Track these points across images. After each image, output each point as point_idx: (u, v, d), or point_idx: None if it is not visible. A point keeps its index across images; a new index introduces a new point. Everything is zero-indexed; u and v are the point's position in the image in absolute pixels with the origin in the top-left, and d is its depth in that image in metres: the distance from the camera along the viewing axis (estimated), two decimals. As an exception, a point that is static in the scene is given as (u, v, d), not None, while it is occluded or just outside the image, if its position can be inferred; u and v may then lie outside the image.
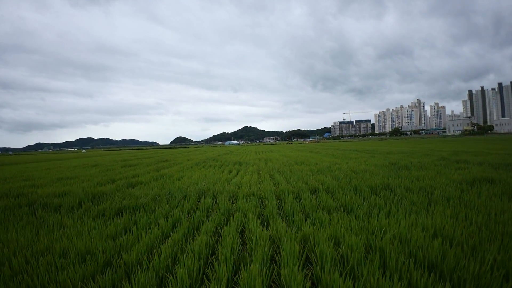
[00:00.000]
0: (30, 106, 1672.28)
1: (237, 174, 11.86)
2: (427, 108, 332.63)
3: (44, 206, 6.39)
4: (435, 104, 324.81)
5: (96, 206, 6.02)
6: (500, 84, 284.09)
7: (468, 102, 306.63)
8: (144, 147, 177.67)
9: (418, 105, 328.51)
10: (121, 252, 3.47)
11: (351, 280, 2.77)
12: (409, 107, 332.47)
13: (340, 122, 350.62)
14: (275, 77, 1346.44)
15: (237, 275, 3.07)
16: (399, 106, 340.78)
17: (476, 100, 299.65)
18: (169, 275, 2.95)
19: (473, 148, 23.52)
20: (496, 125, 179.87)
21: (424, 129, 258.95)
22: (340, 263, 3.20)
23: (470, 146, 27.54)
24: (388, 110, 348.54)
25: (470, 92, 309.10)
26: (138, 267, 3.16)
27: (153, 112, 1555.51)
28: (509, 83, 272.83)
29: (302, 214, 5.17)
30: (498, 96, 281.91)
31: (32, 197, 7.18)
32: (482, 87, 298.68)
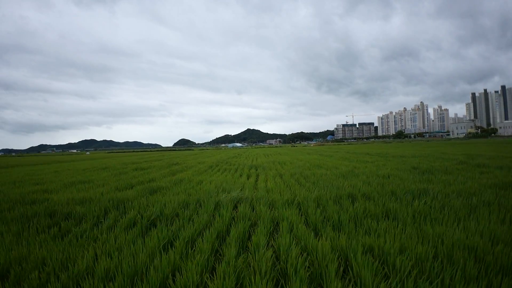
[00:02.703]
0: (33, 107, 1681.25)
1: (257, 178, 11.44)
2: (430, 111, 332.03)
3: (67, 216, 5.85)
4: (438, 107, 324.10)
5: (124, 216, 5.56)
6: (503, 87, 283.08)
7: (472, 104, 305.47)
8: (148, 149, 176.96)
9: (422, 108, 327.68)
10: (176, 271, 3.04)
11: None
12: (412, 110, 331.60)
13: (343, 125, 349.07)
14: (279, 79, 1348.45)
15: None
16: (402, 109, 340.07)
17: (480, 103, 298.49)
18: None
19: (484, 152, 23.00)
20: (500, 127, 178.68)
21: (427, 132, 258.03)
22: (418, 274, 3.00)
23: (479, 149, 26.98)
24: (391, 113, 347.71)
25: (473, 95, 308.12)
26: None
27: (156, 114, 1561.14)
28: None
29: (349, 222, 4.82)
30: (501, 98, 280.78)
31: (49, 205, 6.62)
32: (485, 90, 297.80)
